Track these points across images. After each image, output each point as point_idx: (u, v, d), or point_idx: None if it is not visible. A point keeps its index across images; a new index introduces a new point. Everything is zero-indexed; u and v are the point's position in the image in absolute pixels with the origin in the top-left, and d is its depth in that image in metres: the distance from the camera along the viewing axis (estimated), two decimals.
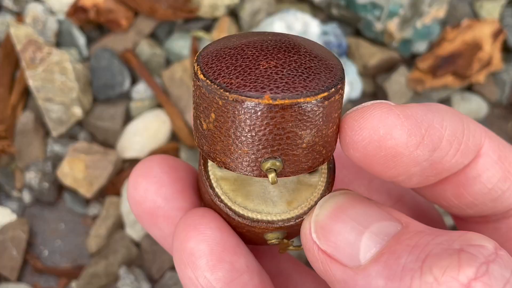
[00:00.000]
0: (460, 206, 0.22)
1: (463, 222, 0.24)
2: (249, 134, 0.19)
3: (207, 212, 0.22)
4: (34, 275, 0.47)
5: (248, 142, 0.19)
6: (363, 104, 0.20)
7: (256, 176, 0.20)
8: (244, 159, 0.20)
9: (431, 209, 0.28)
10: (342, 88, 0.20)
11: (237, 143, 0.19)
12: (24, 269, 0.48)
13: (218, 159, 0.20)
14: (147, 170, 0.24)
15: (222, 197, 0.22)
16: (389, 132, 0.19)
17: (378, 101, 0.20)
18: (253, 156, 0.20)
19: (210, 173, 0.23)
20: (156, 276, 0.47)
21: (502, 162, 0.21)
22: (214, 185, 0.22)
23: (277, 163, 0.20)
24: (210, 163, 0.23)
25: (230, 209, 0.22)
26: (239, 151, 0.20)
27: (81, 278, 0.46)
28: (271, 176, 0.19)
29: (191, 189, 0.24)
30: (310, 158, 0.20)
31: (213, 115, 0.20)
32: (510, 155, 0.22)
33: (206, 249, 0.21)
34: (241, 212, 0.22)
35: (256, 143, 0.19)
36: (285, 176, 0.20)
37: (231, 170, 0.20)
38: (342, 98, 0.20)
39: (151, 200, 0.23)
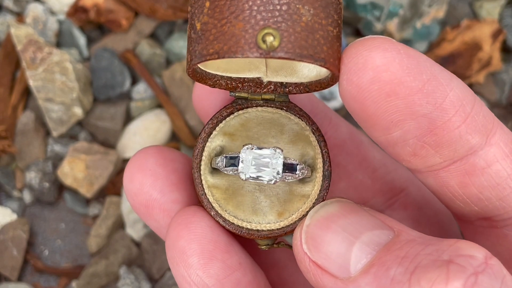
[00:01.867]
0: (464, 198, 0.21)
1: (469, 225, 0.23)
2: (246, 5, 0.18)
3: (198, 210, 0.22)
4: (34, 275, 0.48)
5: (245, 14, 0.18)
6: (367, 36, 0.19)
7: (254, 55, 0.18)
8: (240, 36, 0.18)
9: (437, 201, 0.27)
10: (340, 2, 0.20)
11: (231, 19, 0.18)
12: (24, 268, 0.48)
13: (211, 50, 0.19)
14: (142, 163, 0.23)
15: (214, 205, 0.22)
16: (386, 64, 0.18)
17: (382, 36, 0.19)
18: (250, 30, 0.18)
19: (202, 178, 0.23)
20: (156, 276, 0.47)
21: None
22: (206, 191, 0.22)
23: (275, 32, 0.18)
24: (203, 167, 0.23)
25: (221, 217, 0.22)
26: (233, 29, 0.18)
27: (81, 277, 0.47)
28: (269, 40, 0.18)
29: (187, 181, 0.24)
30: (310, 44, 0.19)
31: (207, 4, 0.19)
32: None
33: (197, 248, 0.21)
34: (231, 220, 0.22)
35: (254, 13, 0.18)
36: (284, 56, 0.18)
37: (226, 56, 0.19)
38: (341, 8, 0.20)
39: (146, 193, 0.23)
